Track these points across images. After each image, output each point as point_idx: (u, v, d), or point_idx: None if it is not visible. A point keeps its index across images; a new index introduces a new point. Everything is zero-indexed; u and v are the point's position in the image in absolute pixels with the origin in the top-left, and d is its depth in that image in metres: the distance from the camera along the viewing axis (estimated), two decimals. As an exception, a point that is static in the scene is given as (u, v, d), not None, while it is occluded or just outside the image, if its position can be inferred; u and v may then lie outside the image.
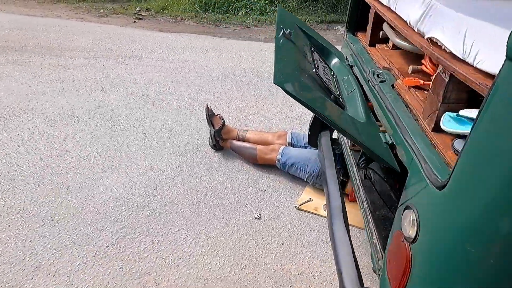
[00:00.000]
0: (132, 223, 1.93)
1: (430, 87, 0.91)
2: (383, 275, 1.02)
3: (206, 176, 2.31)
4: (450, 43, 0.80)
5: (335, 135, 2.00)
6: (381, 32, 1.48)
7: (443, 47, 0.84)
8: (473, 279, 0.67)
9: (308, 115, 3.12)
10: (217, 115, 2.53)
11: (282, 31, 1.38)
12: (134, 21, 5.93)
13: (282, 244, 1.82)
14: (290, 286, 1.61)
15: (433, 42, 0.91)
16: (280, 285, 1.61)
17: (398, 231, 0.88)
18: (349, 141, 1.66)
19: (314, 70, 1.26)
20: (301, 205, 2.05)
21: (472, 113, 0.76)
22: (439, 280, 0.75)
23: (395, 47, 1.43)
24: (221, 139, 2.46)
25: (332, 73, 1.34)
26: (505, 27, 0.68)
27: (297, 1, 6.59)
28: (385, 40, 1.50)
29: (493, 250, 0.61)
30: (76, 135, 2.66)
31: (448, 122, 0.82)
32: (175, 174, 2.31)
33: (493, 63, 0.66)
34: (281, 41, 1.31)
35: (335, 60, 1.50)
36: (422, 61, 1.08)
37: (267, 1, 6.78)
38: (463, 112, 0.78)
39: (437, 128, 0.86)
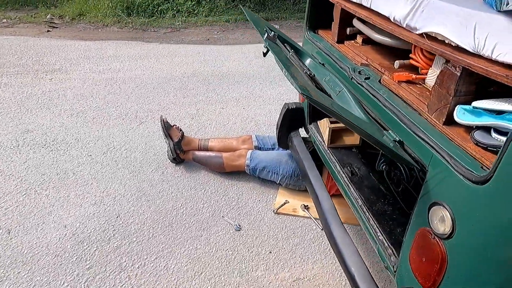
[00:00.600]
0: (100, 260, 1.70)
1: (435, 81, 0.93)
2: (403, 272, 1.02)
3: (172, 193, 2.14)
4: (456, 38, 0.82)
5: (304, 134, 2.00)
6: (348, 29, 1.50)
7: (447, 42, 0.86)
8: None
9: (263, 116, 3.10)
10: (173, 126, 2.36)
11: (267, 34, 1.31)
12: (48, 30, 5.31)
13: (270, 252, 1.76)
14: (290, 295, 1.56)
15: (430, 37, 0.93)
16: (279, 297, 1.56)
17: (423, 228, 0.89)
18: (326, 139, 1.66)
19: (306, 73, 1.22)
20: (279, 208, 2.01)
21: (488, 104, 0.78)
22: (477, 275, 0.76)
23: (365, 42, 1.46)
24: (181, 151, 2.30)
25: (312, 74, 1.32)
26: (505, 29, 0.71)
27: (224, 1, 6.53)
28: (352, 36, 1.52)
29: None
30: (6, 168, 2.27)
31: (463, 115, 0.84)
32: (137, 197, 2.10)
33: (516, 56, 0.68)
34: (268, 44, 1.24)
35: (308, 60, 1.47)
36: (411, 55, 1.10)
37: (193, 2, 6.60)
38: (477, 103, 0.81)
39: (448, 122, 0.87)
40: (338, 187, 1.54)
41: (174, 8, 6.56)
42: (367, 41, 1.44)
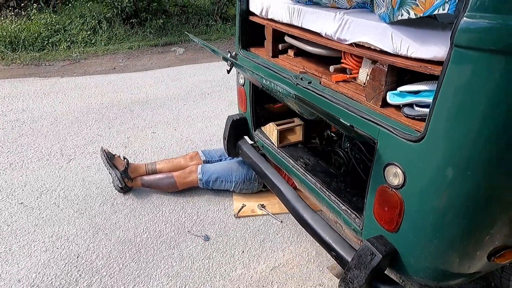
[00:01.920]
0: (73, 303, 1.62)
1: (366, 77, 1.24)
2: (369, 226, 1.30)
3: (129, 222, 2.12)
4: (380, 44, 1.13)
5: (249, 141, 2.21)
6: (280, 45, 1.78)
7: (372, 48, 1.17)
8: (453, 205, 1.01)
9: (196, 134, 3.22)
10: (115, 155, 2.33)
11: (229, 54, 1.48)
12: None
13: (243, 252, 1.91)
14: (272, 282, 1.73)
15: (358, 45, 1.24)
16: (263, 286, 1.71)
17: (382, 185, 1.17)
18: (275, 140, 1.90)
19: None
20: (238, 212, 2.16)
21: (409, 87, 1.11)
22: (430, 212, 1.07)
23: (296, 55, 1.75)
24: (129, 179, 2.29)
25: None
26: (419, 29, 1.04)
27: (123, 29, 6.42)
28: (284, 51, 1.80)
29: (464, 179, 0.95)
30: None
31: (393, 98, 1.15)
32: (93, 232, 2.02)
33: (424, 53, 1.01)
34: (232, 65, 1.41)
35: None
36: (342, 60, 1.41)
37: (89, 32, 6.33)
38: (401, 88, 1.13)
39: (383, 105, 1.18)
40: (295, 179, 1.79)
41: (68, 40, 6.19)
42: (298, 53, 1.74)
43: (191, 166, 2.31)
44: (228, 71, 1.50)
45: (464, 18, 0.82)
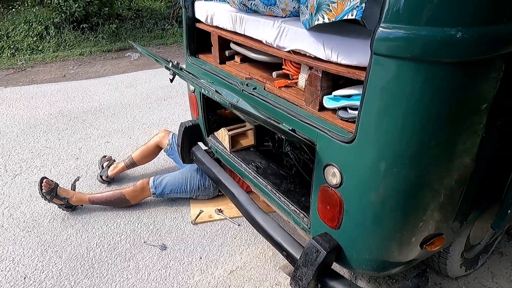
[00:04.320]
0: (21, 327, 1.54)
1: (305, 83, 1.30)
2: (315, 225, 1.36)
3: (82, 236, 2.05)
4: (314, 51, 1.19)
5: (204, 146, 2.22)
6: (227, 51, 1.80)
7: (308, 55, 1.23)
8: (387, 199, 1.08)
9: (147, 138, 3.14)
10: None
11: (171, 63, 1.47)
12: None
13: (200, 258, 1.91)
14: (230, 286, 1.75)
15: (295, 52, 1.29)
16: (220, 291, 1.73)
17: (323, 185, 1.23)
18: (227, 145, 1.92)
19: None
20: (196, 219, 2.16)
21: (342, 92, 1.17)
22: (366, 207, 1.14)
23: (242, 61, 1.78)
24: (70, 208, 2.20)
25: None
26: (347, 37, 1.11)
27: (73, 35, 6.17)
28: (231, 57, 1.83)
29: (393, 174, 1.03)
30: None
31: (328, 102, 1.21)
32: (42, 251, 1.94)
33: (351, 59, 1.07)
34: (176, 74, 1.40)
35: (202, 80, 1.70)
36: (283, 66, 1.46)
37: (35, 38, 6.02)
38: (336, 92, 1.19)
39: (321, 109, 1.24)
40: (249, 182, 1.82)
41: (11, 47, 5.86)
42: (244, 59, 1.77)
43: (141, 181, 2.24)
44: (171, 80, 1.50)
45: (380, 28, 0.89)
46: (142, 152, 2.49)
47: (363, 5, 0.94)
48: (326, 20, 1.04)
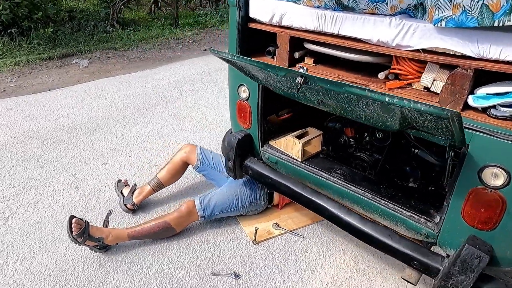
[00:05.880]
0: None
1: (433, 82, 1.24)
2: (450, 229, 1.31)
3: (134, 280, 1.72)
4: (461, 49, 1.13)
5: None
6: (297, 53, 1.65)
7: (451, 53, 1.17)
8: None
9: (156, 156, 2.79)
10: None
11: (303, 69, 1.26)
12: None
13: (284, 281, 1.74)
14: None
15: (426, 51, 1.22)
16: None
17: (475, 187, 1.19)
18: (298, 155, 1.78)
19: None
20: (256, 238, 1.97)
21: (495, 89, 1.14)
22: None
23: (316, 62, 1.65)
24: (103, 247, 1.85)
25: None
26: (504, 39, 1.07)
27: (1, 42, 5.24)
28: (299, 60, 1.68)
29: None
30: None
31: (477, 101, 1.17)
32: (94, 307, 1.58)
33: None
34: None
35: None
36: (394, 66, 1.38)
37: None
38: (488, 90, 1.15)
39: (464, 108, 1.20)
40: (330, 193, 1.69)
41: None
42: (318, 61, 1.64)
43: (187, 203, 1.96)
44: (298, 89, 1.27)
45: None
46: (169, 171, 2.20)
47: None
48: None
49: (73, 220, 1.73)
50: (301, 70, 1.26)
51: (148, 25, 7.47)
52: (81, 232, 1.73)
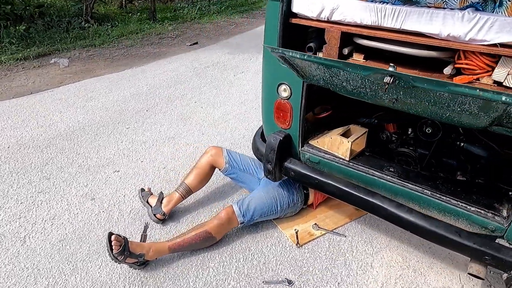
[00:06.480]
0: None
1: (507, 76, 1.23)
2: None
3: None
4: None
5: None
6: (346, 49, 1.59)
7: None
8: None
9: (167, 161, 2.64)
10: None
11: (393, 67, 1.18)
12: None
13: (339, 283, 1.70)
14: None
15: (503, 45, 1.20)
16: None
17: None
18: (346, 154, 1.73)
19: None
20: (298, 241, 1.91)
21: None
22: None
23: (365, 58, 1.60)
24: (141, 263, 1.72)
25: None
26: None
27: (-33, 40, 4.78)
28: (347, 56, 1.62)
29: None
30: None
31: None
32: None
33: None
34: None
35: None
36: (460, 61, 1.35)
37: None
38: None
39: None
40: (383, 191, 1.65)
41: None
42: (367, 57, 1.60)
43: (225, 212, 1.86)
44: (385, 90, 1.21)
45: None
46: (196, 176, 2.09)
47: None
48: None
49: (113, 237, 1.58)
50: (391, 69, 1.21)
51: (125, 20, 7.11)
52: (122, 249, 1.59)
